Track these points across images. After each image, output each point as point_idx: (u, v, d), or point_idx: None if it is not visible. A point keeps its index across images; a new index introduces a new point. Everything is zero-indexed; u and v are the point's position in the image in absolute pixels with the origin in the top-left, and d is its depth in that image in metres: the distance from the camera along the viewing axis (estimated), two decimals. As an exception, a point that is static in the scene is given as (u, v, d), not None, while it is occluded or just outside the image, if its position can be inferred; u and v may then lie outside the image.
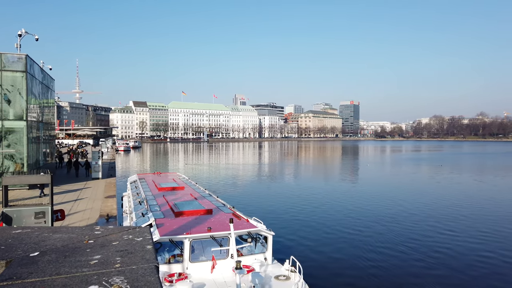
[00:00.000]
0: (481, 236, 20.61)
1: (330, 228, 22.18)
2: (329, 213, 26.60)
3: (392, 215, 25.75)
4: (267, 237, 11.95)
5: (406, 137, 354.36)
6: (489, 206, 29.44)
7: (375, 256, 17.20)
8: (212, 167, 66.19)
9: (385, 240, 19.69)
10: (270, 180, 47.69)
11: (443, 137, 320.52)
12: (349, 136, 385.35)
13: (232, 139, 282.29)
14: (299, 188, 40.09)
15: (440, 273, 15.16)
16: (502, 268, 15.86)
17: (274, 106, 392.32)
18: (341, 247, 18.51)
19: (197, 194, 17.43)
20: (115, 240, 2.63)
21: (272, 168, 65.83)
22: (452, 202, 30.74)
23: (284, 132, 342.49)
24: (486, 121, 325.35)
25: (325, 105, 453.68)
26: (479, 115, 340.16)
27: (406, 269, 15.67)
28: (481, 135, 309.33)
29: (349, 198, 32.95)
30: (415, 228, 22.22)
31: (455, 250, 18.05)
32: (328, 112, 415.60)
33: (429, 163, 77.72)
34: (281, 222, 23.65)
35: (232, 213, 13.54)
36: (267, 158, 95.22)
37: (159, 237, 10.54)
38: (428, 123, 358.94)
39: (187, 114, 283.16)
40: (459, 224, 23.25)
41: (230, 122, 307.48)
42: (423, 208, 28.25)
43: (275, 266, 11.59)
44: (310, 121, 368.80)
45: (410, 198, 32.82)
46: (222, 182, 43.82)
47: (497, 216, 25.60)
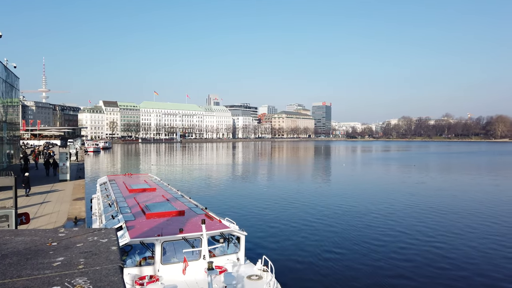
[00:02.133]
0: (449, 233, 21.50)
1: (302, 228, 22.47)
2: (301, 212, 26.94)
3: (364, 214, 26.40)
4: (239, 238, 12.00)
5: (376, 138, 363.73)
6: (456, 203, 30.71)
7: (345, 254, 17.59)
8: (185, 168, 65.51)
9: (355, 239, 20.16)
10: (243, 181, 47.73)
11: (411, 137, 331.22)
12: (322, 137, 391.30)
13: (206, 140, 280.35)
14: (273, 188, 40.36)
15: (407, 270, 15.69)
16: (465, 263, 16.60)
17: (247, 106, 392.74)
18: (312, 246, 18.79)
19: (169, 196, 17.24)
20: (79, 242, 2.61)
21: (245, 169, 65.92)
22: (422, 201, 31.86)
23: (258, 133, 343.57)
24: (451, 122, 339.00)
25: (298, 106, 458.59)
26: (444, 116, 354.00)
27: (376, 266, 16.11)
28: (446, 136, 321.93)
29: (322, 198, 33.49)
30: (386, 226, 22.88)
31: (422, 247, 18.74)
32: (301, 113, 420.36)
33: (400, 163, 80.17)
34: (254, 222, 23.74)
35: (205, 214, 13.50)
36: (241, 159, 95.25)
37: (129, 240, 10.36)
38: (396, 124, 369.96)
39: (159, 114, 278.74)
40: (430, 222, 24.13)
41: (203, 123, 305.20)
42: (395, 207, 29.10)
43: (247, 266, 11.65)
44: (283, 122, 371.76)
45: (383, 197, 33.73)
46: (195, 183, 43.48)
47: (462, 213, 26.74)
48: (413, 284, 14.26)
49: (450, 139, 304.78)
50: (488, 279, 14.69)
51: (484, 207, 29.05)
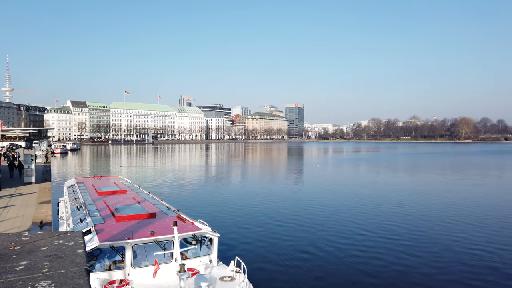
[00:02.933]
0: (416, 231, 22.28)
1: (275, 228, 22.63)
2: (275, 213, 27.13)
3: (335, 214, 26.90)
4: (212, 239, 11.97)
5: (347, 139, 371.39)
6: (422, 202, 31.83)
7: (317, 254, 17.87)
8: (157, 170, 64.46)
9: (327, 239, 20.52)
10: (216, 182, 47.52)
11: (380, 139, 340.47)
12: (294, 138, 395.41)
13: (178, 141, 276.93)
14: (246, 190, 40.43)
15: (376, 268, 16.14)
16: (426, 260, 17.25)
17: (221, 107, 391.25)
18: (285, 246, 18.98)
19: (140, 198, 16.95)
20: (44, 246, 2.54)
21: (219, 170, 65.65)
22: (391, 201, 32.82)
23: (231, 134, 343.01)
24: (418, 124, 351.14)
25: (271, 107, 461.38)
26: (412, 118, 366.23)
27: (345, 265, 16.47)
28: (413, 137, 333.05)
29: (295, 199, 33.85)
30: (357, 226, 23.42)
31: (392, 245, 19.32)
32: (274, 114, 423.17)
33: (370, 163, 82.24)
34: (228, 224, 23.70)
35: (177, 216, 13.37)
36: (214, 160, 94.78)
37: (98, 243, 10.12)
38: (367, 126, 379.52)
39: (130, 115, 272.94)
40: (398, 221, 24.89)
41: (176, 124, 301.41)
42: (366, 207, 29.83)
43: (220, 267, 11.64)
44: (257, 123, 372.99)
45: (355, 198, 34.47)
46: (167, 185, 42.89)
47: (428, 211, 27.76)
48: (381, 282, 14.67)
49: (417, 140, 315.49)
50: (452, 276, 15.33)
51: (448, 205, 30.27)
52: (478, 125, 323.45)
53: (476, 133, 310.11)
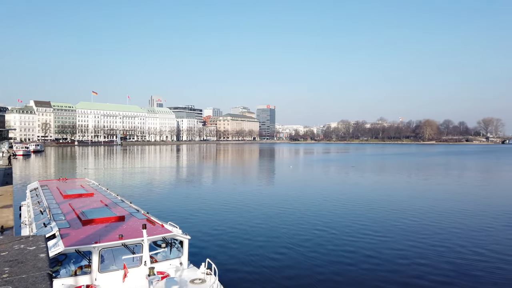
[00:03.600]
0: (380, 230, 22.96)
1: (247, 229, 22.67)
2: (246, 214, 27.17)
3: (306, 215, 27.27)
4: (182, 242, 11.84)
5: (317, 140, 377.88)
6: (387, 203, 32.85)
7: (287, 254, 18.06)
8: (126, 172, 62.94)
9: (297, 239, 20.78)
10: (187, 184, 47.02)
11: (349, 140, 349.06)
12: (266, 139, 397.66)
13: (148, 142, 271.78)
14: (218, 191, 40.24)
15: (344, 268, 16.51)
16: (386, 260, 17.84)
17: (192, 108, 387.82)
18: (256, 247, 19.04)
19: (108, 201, 16.52)
20: (4, 251, 2.44)
21: (190, 172, 64.97)
22: (360, 201, 33.66)
23: (203, 135, 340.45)
24: (385, 126, 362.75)
25: (243, 109, 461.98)
26: (379, 120, 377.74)
27: (314, 264, 16.74)
28: (380, 138, 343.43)
29: (267, 199, 34.01)
30: (326, 226, 23.84)
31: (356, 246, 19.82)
32: (246, 116, 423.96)
33: (340, 164, 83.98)
34: (199, 226, 23.52)
35: (146, 219, 13.14)
36: (185, 161, 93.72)
37: (63, 248, 9.79)
38: (336, 127, 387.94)
39: (98, 115, 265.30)
40: (368, 222, 25.54)
41: (146, 125, 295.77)
42: (336, 207, 30.42)
43: (190, 270, 11.54)
44: (228, 124, 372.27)
45: (325, 198, 35.07)
46: (137, 187, 42.00)
47: (393, 211, 28.69)
48: (349, 280, 15.02)
49: (384, 141, 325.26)
50: (416, 272, 15.92)
51: (413, 204, 31.41)
52: (441, 127, 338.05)
53: (439, 135, 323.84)
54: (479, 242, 20.11)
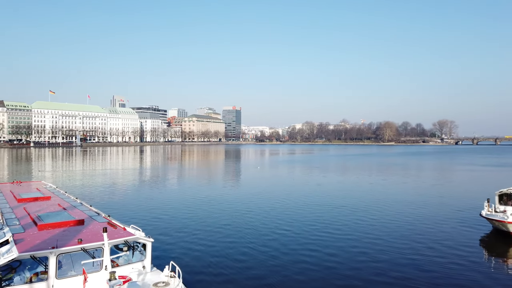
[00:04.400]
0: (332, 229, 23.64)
1: (211, 231, 22.57)
2: (211, 216, 27.02)
3: (271, 214, 27.55)
4: (145, 245, 11.66)
5: (283, 141, 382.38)
6: (349, 201, 33.87)
7: (251, 254, 18.17)
8: (86, 174, 60.67)
9: (261, 239, 20.97)
10: (151, 186, 46.06)
11: (313, 141, 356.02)
12: (232, 140, 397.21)
13: (110, 144, 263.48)
14: (183, 193, 39.72)
15: (308, 267, 16.86)
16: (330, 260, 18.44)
17: (156, 109, 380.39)
18: (221, 248, 19.01)
19: (67, 204, 15.92)
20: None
21: (154, 173, 63.64)
22: (323, 201, 34.45)
23: (167, 136, 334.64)
24: (347, 127, 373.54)
25: (208, 110, 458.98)
26: (342, 122, 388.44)
27: (280, 264, 16.98)
28: (343, 139, 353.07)
29: (232, 201, 34.00)
30: (291, 225, 24.22)
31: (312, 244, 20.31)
32: (212, 117, 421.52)
33: (305, 165, 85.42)
34: (163, 228, 23.14)
35: (107, 222, 12.82)
36: (149, 163, 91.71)
37: (17, 254, 9.35)
38: (301, 128, 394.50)
39: (55, 115, 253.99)
40: (331, 220, 26.18)
41: (107, 125, 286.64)
42: (297, 206, 30.94)
43: (154, 273, 11.38)
44: (194, 125, 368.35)
45: (290, 198, 35.54)
46: (97, 190, 40.62)
47: (354, 211, 29.62)
48: (311, 279, 15.36)
49: (347, 142, 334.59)
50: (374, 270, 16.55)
51: (373, 204, 32.60)
52: (400, 129, 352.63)
53: (398, 136, 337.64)
54: (433, 238, 21.21)
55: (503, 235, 21.31)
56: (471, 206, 29.50)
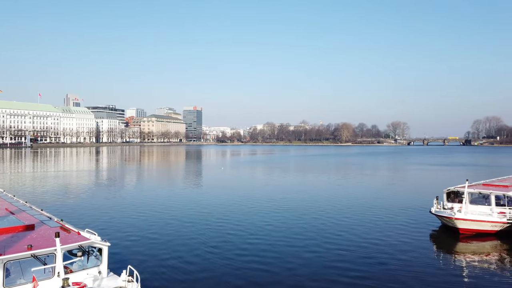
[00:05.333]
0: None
1: (170, 233, 22.23)
2: (170, 218, 26.60)
3: (229, 215, 27.58)
4: (101, 249, 11.29)
5: (244, 142, 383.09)
6: (305, 201, 34.63)
7: (209, 255, 18.10)
8: (36, 176, 57.42)
9: (219, 240, 20.94)
10: (108, 188, 44.47)
11: (274, 142, 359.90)
12: (193, 141, 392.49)
13: (64, 144, 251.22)
14: (141, 195, 38.72)
15: (264, 267, 17.05)
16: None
17: (113, 109, 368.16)
18: (180, 251, 18.78)
19: (14, 208, 15.03)
20: None
21: (110, 175, 61.46)
22: (282, 201, 34.95)
23: (125, 137, 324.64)
24: (307, 128, 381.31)
25: (168, 110, 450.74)
26: (301, 123, 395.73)
27: (237, 265, 17.06)
28: (303, 140, 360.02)
29: (192, 202, 33.63)
30: (249, 226, 24.39)
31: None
32: (172, 117, 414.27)
33: (266, 165, 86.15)
34: (120, 231, 22.45)
35: (60, 227, 12.25)
36: (105, 164, 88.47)
37: (-42, 264, 8.69)
38: (262, 129, 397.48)
39: (3, 114, 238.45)
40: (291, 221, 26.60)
41: (60, 125, 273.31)
42: (256, 206, 31.20)
43: (110, 278, 11.06)
44: (153, 126, 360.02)
45: (248, 198, 35.70)
46: (49, 193, 38.62)
47: (309, 210, 30.33)
48: (267, 280, 15.56)
49: (306, 143, 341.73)
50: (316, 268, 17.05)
51: (327, 204, 33.56)
52: (356, 130, 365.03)
53: (355, 137, 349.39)
54: (386, 234, 22.20)
55: (451, 230, 22.72)
56: (422, 204, 31.13)
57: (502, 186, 25.32)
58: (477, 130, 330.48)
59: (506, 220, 21.82)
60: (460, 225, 22.04)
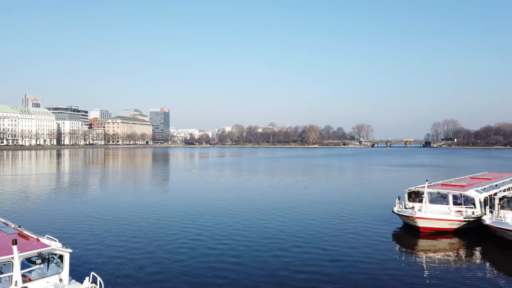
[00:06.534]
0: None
1: (134, 238, 21.70)
2: (134, 222, 25.99)
3: (194, 219, 27.34)
4: (62, 256, 10.88)
5: (212, 144, 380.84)
6: (272, 202, 34.93)
7: (173, 260, 17.87)
8: (-9, 181, 54.29)
9: (182, 244, 20.72)
10: (70, 192, 42.79)
11: (242, 144, 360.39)
12: (160, 143, 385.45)
13: (22, 147, 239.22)
14: (105, 199, 37.57)
15: (233, 267, 17.06)
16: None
17: (76, 110, 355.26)
18: (144, 256, 18.38)
19: (-33, 215, 14.14)
20: None
21: (73, 179, 59.12)
22: (254, 202, 35.04)
23: (89, 139, 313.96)
24: (275, 130, 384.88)
25: (134, 111, 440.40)
26: (270, 125, 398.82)
27: (200, 267, 16.95)
28: (271, 142, 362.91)
29: (156, 206, 33.01)
30: (216, 229, 24.27)
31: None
32: (138, 119, 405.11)
33: (234, 167, 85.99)
34: (82, 237, 21.67)
35: (18, 234, 11.70)
36: (67, 168, 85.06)
37: None
38: (230, 131, 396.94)
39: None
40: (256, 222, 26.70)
41: (18, 127, 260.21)
42: (221, 209, 31.12)
43: (72, 286, 10.71)
44: (118, 127, 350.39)
45: (215, 201, 35.52)
46: (6, 198, 36.64)
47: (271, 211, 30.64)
48: (231, 282, 15.57)
49: (275, 145, 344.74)
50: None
51: (293, 204, 34.05)
52: (323, 132, 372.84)
53: (322, 139, 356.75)
54: (351, 234, 22.81)
55: (412, 229, 23.65)
56: (385, 204, 32.19)
57: (459, 186, 26.63)
58: (436, 133, 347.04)
59: (462, 219, 23.00)
60: (421, 223, 22.99)
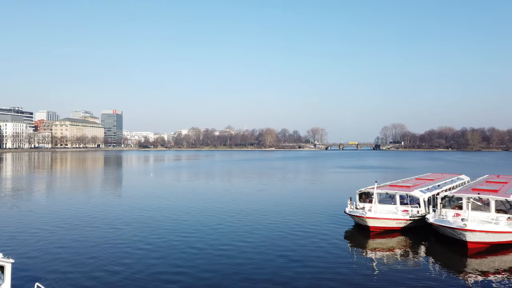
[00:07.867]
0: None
1: (80, 247, 20.82)
2: (80, 230, 24.91)
3: (146, 225, 26.71)
4: (4, 267, 10.25)
5: (168, 147, 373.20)
6: (225, 205, 34.97)
7: (122, 270, 17.38)
8: None
9: (130, 252, 20.21)
10: (11, 200, 39.99)
11: (199, 147, 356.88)
12: (113, 146, 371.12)
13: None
14: (50, 206, 35.61)
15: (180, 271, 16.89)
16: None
17: (20, 111, 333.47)
18: (91, 264, 17.70)
19: None
20: None
21: (15, 185, 55.22)
22: (210, 206, 34.81)
23: (34, 142, 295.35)
24: (232, 133, 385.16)
25: (85, 113, 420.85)
26: (227, 128, 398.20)
27: (156, 275, 16.63)
28: (228, 145, 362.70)
29: (104, 212, 31.85)
30: (175, 235, 23.86)
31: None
32: (89, 121, 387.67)
33: (190, 171, 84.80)
34: (26, 246, 20.41)
35: (-49, 245, 10.78)
36: (9, 173, 79.42)
37: None
38: (187, 134, 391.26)
39: None
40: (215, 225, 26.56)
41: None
42: (180, 215, 30.67)
43: (14, 298, 10.01)
44: (67, 130, 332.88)
45: (169, 205, 34.89)
46: None
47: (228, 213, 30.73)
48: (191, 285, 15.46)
49: (232, 148, 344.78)
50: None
51: (248, 206, 34.33)
52: (279, 135, 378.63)
53: (278, 142, 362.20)
54: (304, 234, 23.40)
55: (363, 228, 24.69)
56: (337, 205, 33.27)
57: (405, 186, 28.18)
58: (385, 136, 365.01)
59: (408, 218, 24.37)
60: (370, 223, 24.06)
